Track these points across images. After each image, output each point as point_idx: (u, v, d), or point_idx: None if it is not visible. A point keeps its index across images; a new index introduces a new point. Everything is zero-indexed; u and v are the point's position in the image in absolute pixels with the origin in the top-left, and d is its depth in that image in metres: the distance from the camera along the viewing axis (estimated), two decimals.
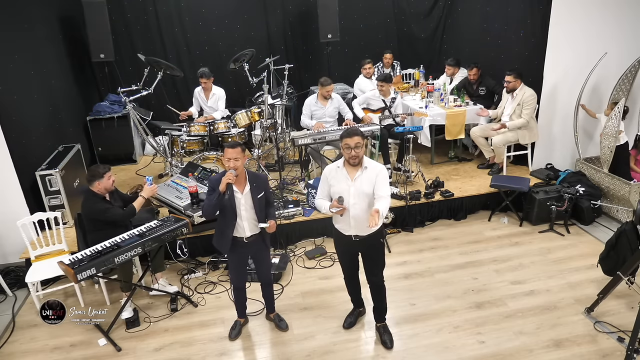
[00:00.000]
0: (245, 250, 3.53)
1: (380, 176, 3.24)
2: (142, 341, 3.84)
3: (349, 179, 3.26)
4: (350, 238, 3.39)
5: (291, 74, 6.84)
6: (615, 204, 5.19)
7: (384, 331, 3.75)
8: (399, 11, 7.82)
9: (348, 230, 3.37)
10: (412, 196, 5.28)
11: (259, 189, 3.40)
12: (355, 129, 3.28)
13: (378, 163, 3.40)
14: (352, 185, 3.24)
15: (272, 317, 3.94)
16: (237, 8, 7.30)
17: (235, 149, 3.24)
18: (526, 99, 5.53)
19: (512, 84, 5.61)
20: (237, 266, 3.65)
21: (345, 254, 3.61)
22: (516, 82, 5.59)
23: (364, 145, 3.29)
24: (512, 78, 5.59)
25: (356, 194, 3.24)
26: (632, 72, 5.32)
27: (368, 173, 3.24)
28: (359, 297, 3.89)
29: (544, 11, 5.32)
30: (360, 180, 3.24)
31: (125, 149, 6.80)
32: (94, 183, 3.82)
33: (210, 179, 3.45)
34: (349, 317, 3.92)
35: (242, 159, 3.28)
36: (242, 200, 3.36)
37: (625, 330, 3.59)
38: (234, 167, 3.23)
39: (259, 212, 3.41)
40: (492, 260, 4.68)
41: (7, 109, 4.72)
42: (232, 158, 3.23)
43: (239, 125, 5.74)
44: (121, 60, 7.02)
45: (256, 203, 3.39)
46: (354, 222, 3.30)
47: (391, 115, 5.54)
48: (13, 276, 4.60)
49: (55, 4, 6.13)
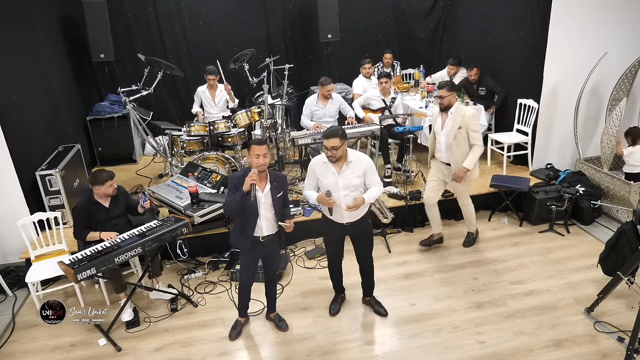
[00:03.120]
0: (260, 249, 3.53)
1: (368, 168, 3.46)
2: (142, 341, 3.84)
3: (336, 174, 3.42)
4: (342, 225, 3.59)
5: (291, 74, 6.84)
6: (615, 204, 5.19)
7: (375, 302, 4.03)
8: (399, 11, 7.82)
9: (342, 219, 3.56)
10: (412, 196, 5.28)
11: (279, 188, 3.42)
12: (335, 130, 3.36)
13: (361, 154, 3.55)
14: (339, 179, 3.42)
15: (272, 317, 3.94)
16: (237, 8, 7.29)
17: (263, 145, 3.24)
18: (469, 121, 4.25)
19: (447, 99, 4.24)
20: (249, 266, 3.64)
21: (335, 241, 3.77)
22: (451, 97, 4.26)
23: (344, 145, 3.37)
24: (445, 91, 4.23)
25: (345, 187, 3.43)
26: (632, 72, 5.33)
27: (354, 166, 3.42)
28: (341, 284, 4.06)
29: (544, 11, 5.32)
30: (347, 173, 3.42)
31: (125, 149, 6.80)
32: (94, 186, 3.88)
33: (233, 176, 3.43)
34: (334, 305, 4.05)
35: (269, 156, 3.28)
36: (262, 199, 3.36)
37: (625, 330, 3.59)
38: (262, 164, 3.22)
39: (278, 211, 3.42)
40: (492, 260, 4.68)
41: (7, 109, 4.72)
42: (261, 154, 3.22)
43: (239, 125, 5.74)
44: (121, 60, 7.01)
45: (275, 202, 3.40)
46: (347, 212, 3.47)
47: (391, 115, 5.55)
48: (13, 276, 4.60)
49: (55, 4, 6.13)
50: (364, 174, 3.45)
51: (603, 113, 5.66)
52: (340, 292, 4.10)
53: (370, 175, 3.47)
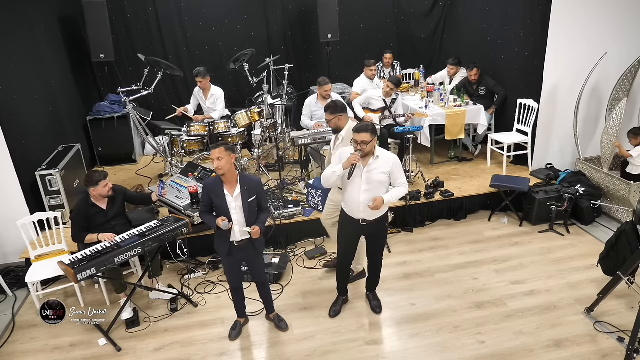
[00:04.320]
0: (237, 254, 3.53)
1: (395, 167, 3.46)
2: (142, 341, 3.84)
3: (362, 167, 3.40)
4: (358, 222, 3.55)
5: (291, 74, 6.83)
6: (615, 204, 5.19)
7: (374, 298, 4.08)
8: (399, 11, 7.82)
9: (357, 215, 3.52)
10: (412, 196, 5.28)
11: (251, 192, 3.38)
12: (365, 125, 3.37)
13: (391, 153, 3.54)
14: (364, 172, 3.40)
15: (272, 317, 3.94)
16: (237, 8, 7.29)
17: (218, 148, 3.25)
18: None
19: (338, 121, 3.90)
20: (230, 269, 3.67)
21: (349, 238, 3.74)
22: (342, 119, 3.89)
23: (374, 140, 3.36)
24: (330, 114, 3.92)
25: (367, 181, 3.41)
26: (632, 72, 5.32)
27: (380, 162, 3.41)
28: (345, 286, 4.05)
29: (544, 11, 5.31)
30: (373, 167, 3.40)
31: (125, 149, 6.80)
32: (89, 188, 3.86)
33: (206, 183, 3.48)
34: (335, 306, 4.03)
35: (227, 159, 3.26)
36: (233, 203, 3.36)
37: (625, 330, 3.59)
38: (217, 167, 3.26)
39: (248, 216, 3.39)
40: (492, 260, 4.68)
41: (7, 109, 4.72)
42: (214, 158, 3.26)
43: (239, 125, 5.74)
44: (121, 60, 7.02)
45: (246, 207, 3.37)
46: (364, 207, 3.45)
47: (391, 115, 5.55)
48: (13, 276, 4.60)
49: (55, 4, 6.13)
50: (391, 171, 3.44)
51: (603, 113, 5.66)
52: (342, 294, 4.08)
53: (397, 174, 3.47)
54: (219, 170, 3.27)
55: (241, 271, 3.79)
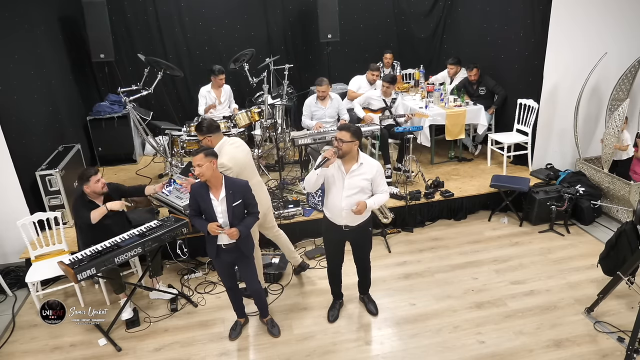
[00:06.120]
0: (224, 256, 3.54)
1: (379, 174, 3.46)
2: (142, 341, 3.84)
3: (344, 172, 3.40)
4: (341, 228, 3.56)
5: (291, 74, 6.84)
6: (615, 204, 5.19)
7: (369, 300, 4.07)
8: (399, 11, 7.82)
9: (340, 221, 3.54)
10: (412, 196, 5.28)
11: (236, 196, 3.37)
12: (348, 125, 3.43)
13: (374, 160, 3.53)
14: (346, 178, 3.40)
15: (265, 321, 3.93)
16: (237, 8, 7.29)
17: (198, 155, 3.27)
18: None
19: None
20: (222, 272, 3.69)
21: (333, 243, 3.75)
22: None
23: (354, 143, 3.33)
24: (200, 135, 3.83)
25: (349, 187, 3.41)
26: (632, 72, 5.32)
27: (364, 169, 3.41)
28: (339, 290, 4.04)
29: (544, 11, 5.32)
30: (356, 173, 3.40)
31: (125, 149, 6.80)
32: (83, 186, 3.83)
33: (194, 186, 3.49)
34: (332, 311, 4.02)
35: (207, 165, 3.25)
36: (219, 207, 3.37)
37: (625, 330, 3.59)
38: (198, 174, 3.27)
39: (232, 219, 3.38)
40: (492, 260, 4.68)
41: (7, 109, 4.72)
42: (195, 165, 3.28)
43: (239, 125, 5.74)
44: (121, 60, 7.01)
45: (231, 210, 3.37)
46: (346, 213, 3.46)
47: (391, 115, 5.54)
48: (13, 276, 4.60)
49: (55, 4, 6.13)
50: (373, 178, 3.44)
51: (603, 113, 5.66)
52: (338, 298, 4.07)
53: (379, 181, 3.47)
54: (200, 177, 3.30)
55: (233, 271, 3.78)
